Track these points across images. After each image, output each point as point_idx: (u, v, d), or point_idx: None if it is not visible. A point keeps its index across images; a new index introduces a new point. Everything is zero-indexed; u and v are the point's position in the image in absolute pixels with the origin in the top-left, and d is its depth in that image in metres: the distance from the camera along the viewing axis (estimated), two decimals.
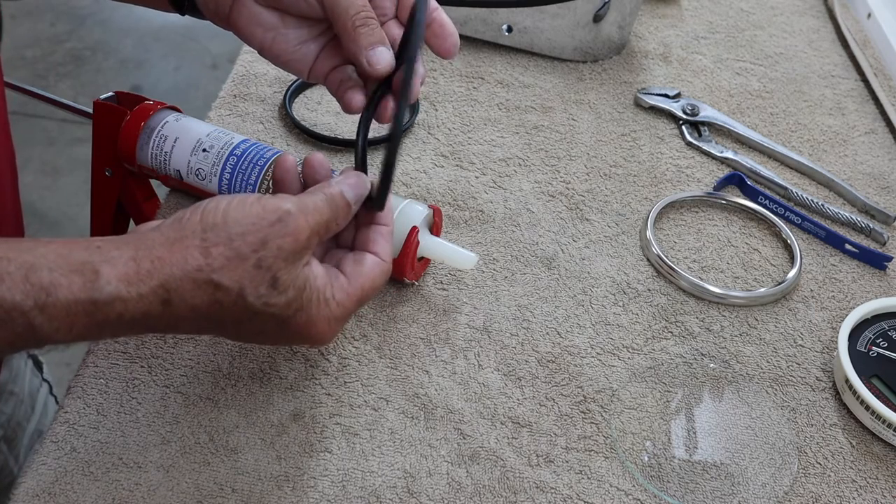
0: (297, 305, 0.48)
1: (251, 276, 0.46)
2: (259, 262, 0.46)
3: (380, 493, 0.56)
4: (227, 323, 0.48)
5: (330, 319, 0.50)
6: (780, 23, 0.99)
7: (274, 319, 0.48)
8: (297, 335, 0.50)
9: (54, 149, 2.32)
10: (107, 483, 0.55)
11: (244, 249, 0.46)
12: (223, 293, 0.46)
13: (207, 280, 0.46)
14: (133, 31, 2.75)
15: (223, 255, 0.46)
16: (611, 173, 0.79)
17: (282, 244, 0.47)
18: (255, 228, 0.47)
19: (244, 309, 0.47)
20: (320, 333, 0.50)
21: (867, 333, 0.65)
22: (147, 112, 0.68)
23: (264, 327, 0.49)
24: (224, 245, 0.46)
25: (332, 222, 0.50)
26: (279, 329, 0.49)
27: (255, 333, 0.50)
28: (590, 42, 0.88)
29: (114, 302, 0.44)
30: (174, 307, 0.46)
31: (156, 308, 0.45)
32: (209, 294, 0.46)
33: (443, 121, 0.81)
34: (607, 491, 0.57)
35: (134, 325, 0.46)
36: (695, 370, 0.64)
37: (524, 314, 0.66)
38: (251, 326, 0.49)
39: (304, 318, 0.49)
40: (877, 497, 0.58)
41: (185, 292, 0.46)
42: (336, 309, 0.51)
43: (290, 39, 0.59)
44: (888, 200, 0.79)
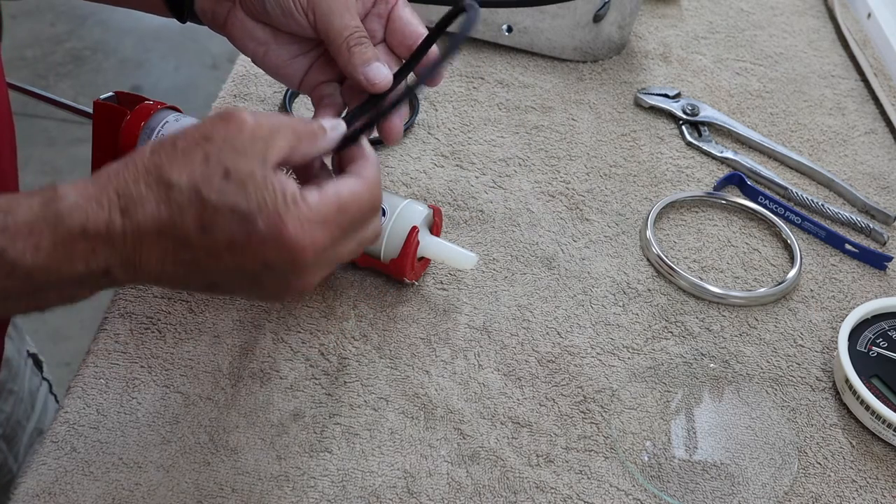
0: (259, 199, 0.45)
1: (202, 171, 0.45)
2: (206, 155, 0.45)
3: (380, 493, 0.56)
4: (191, 234, 0.45)
5: (303, 219, 0.45)
6: (780, 23, 0.99)
7: (236, 217, 0.45)
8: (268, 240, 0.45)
9: (54, 149, 2.32)
10: (107, 483, 0.55)
11: (188, 147, 0.45)
12: (177, 192, 0.44)
13: (158, 179, 0.45)
14: (133, 31, 2.75)
15: (169, 155, 0.45)
16: (611, 173, 0.79)
17: (226, 135, 0.45)
18: (197, 128, 0.46)
19: (202, 207, 0.44)
20: (296, 237, 0.45)
21: (867, 333, 0.65)
22: (147, 112, 0.68)
23: (230, 233, 0.45)
24: (169, 148, 0.45)
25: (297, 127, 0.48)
26: (246, 235, 0.45)
27: (224, 247, 0.45)
28: (590, 42, 0.88)
29: (74, 212, 0.44)
30: (132, 215, 0.44)
31: (116, 218, 0.44)
32: (163, 196, 0.44)
33: (443, 121, 0.81)
34: (607, 491, 0.57)
35: (101, 244, 0.44)
36: (695, 370, 0.64)
37: (524, 314, 0.66)
38: (217, 236, 0.45)
39: (271, 216, 0.45)
40: (877, 497, 0.58)
41: (140, 196, 0.45)
42: (307, 210, 0.46)
43: (281, 54, 0.60)
44: (888, 200, 0.79)
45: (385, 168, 0.76)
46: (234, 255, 0.46)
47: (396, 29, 0.59)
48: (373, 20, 0.59)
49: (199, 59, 2.66)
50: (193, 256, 0.46)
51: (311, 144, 0.49)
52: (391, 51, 0.59)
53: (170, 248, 0.45)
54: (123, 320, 0.63)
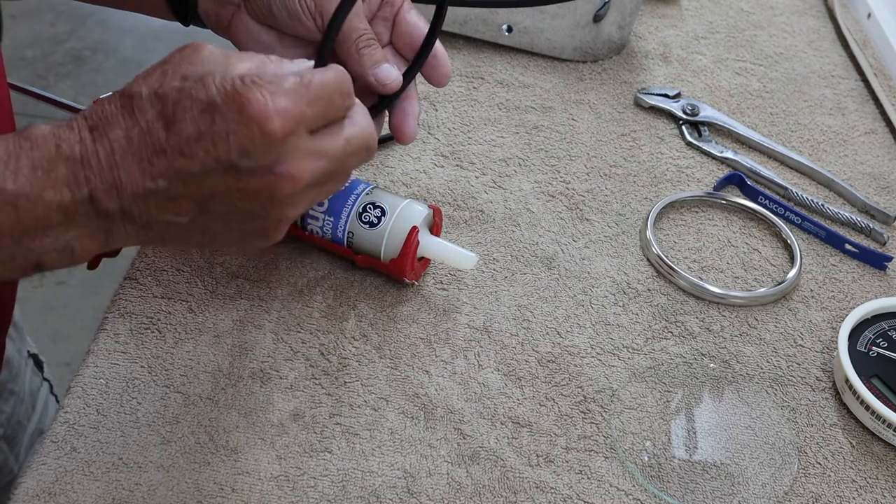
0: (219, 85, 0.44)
1: (159, 79, 0.45)
2: (164, 70, 0.46)
3: (380, 493, 0.56)
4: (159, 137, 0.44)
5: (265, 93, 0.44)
6: (780, 23, 0.99)
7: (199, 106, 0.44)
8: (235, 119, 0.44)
9: None
10: (107, 483, 0.55)
11: (149, 71, 0.46)
12: (138, 100, 0.45)
13: (119, 95, 0.46)
14: (133, 31, 2.75)
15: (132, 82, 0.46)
16: (611, 173, 0.79)
17: (183, 55, 0.46)
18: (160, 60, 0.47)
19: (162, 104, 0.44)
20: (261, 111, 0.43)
21: (867, 333, 0.65)
22: None
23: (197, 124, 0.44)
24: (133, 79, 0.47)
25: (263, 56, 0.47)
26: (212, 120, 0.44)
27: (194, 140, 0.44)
28: (590, 42, 0.88)
29: (48, 137, 0.45)
30: (102, 132, 0.45)
31: (86, 137, 0.45)
32: (126, 107, 0.45)
33: (443, 121, 0.82)
34: (607, 491, 0.57)
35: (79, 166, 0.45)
36: (695, 370, 0.64)
37: (524, 314, 0.66)
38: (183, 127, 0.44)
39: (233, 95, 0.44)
40: (877, 497, 0.58)
41: (105, 113, 0.46)
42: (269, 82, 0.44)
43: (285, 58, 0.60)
44: (888, 200, 0.79)
45: (385, 168, 0.76)
46: (206, 146, 0.44)
47: (402, 31, 0.59)
48: (379, 23, 0.59)
49: None
50: (168, 162, 0.45)
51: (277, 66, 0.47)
52: (398, 53, 0.60)
53: (144, 157, 0.45)
54: (123, 320, 0.63)
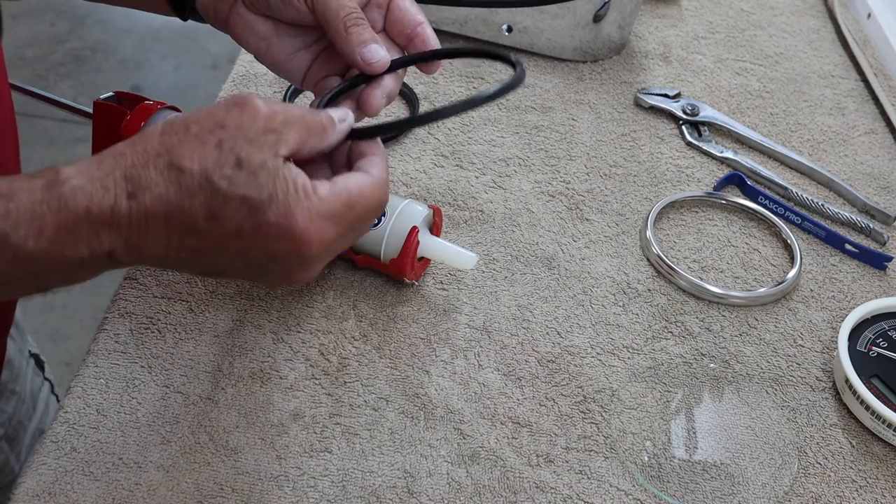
0: (270, 190, 0.45)
1: (214, 157, 0.44)
2: (220, 143, 0.45)
3: (380, 493, 0.56)
4: (199, 221, 0.45)
5: (312, 213, 0.46)
6: (780, 23, 0.99)
7: (246, 206, 0.44)
8: (277, 232, 0.45)
9: (54, 149, 2.32)
10: (107, 483, 0.55)
11: (202, 133, 0.45)
12: (187, 178, 0.44)
13: (168, 164, 0.44)
14: (133, 31, 2.75)
15: (181, 140, 0.45)
16: (611, 173, 0.79)
17: (240, 123, 0.45)
18: (211, 113, 0.46)
19: (212, 194, 0.44)
20: (304, 231, 0.45)
21: (867, 333, 0.65)
22: (147, 112, 0.68)
23: (238, 221, 0.45)
24: (182, 132, 0.45)
25: (309, 121, 0.48)
26: (255, 225, 0.45)
27: (232, 235, 0.45)
28: (590, 42, 0.88)
29: (77, 194, 0.43)
30: (140, 199, 0.44)
31: (122, 202, 0.44)
32: (173, 181, 0.44)
33: (443, 121, 0.81)
34: (607, 491, 0.57)
35: (105, 228, 0.44)
36: (695, 370, 0.64)
37: (524, 314, 0.66)
38: (225, 223, 0.45)
39: (281, 208, 0.45)
40: (877, 497, 0.58)
41: (149, 181, 0.44)
42: (318, 203, 0.46)
43: (284, 48, 0.60)
44: (888, 200, 0.79)
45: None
46: (241, 243, 0.46)
47: (396, 18, 0.59)
48: (372, 10, 0.59)
49: (199, 59, 2.66)
50: (199, 243, 0.46)
51: (321, 138, 0.49)
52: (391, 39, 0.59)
53: (176, 233, 0.45)
54: (123, 320, 0.63)
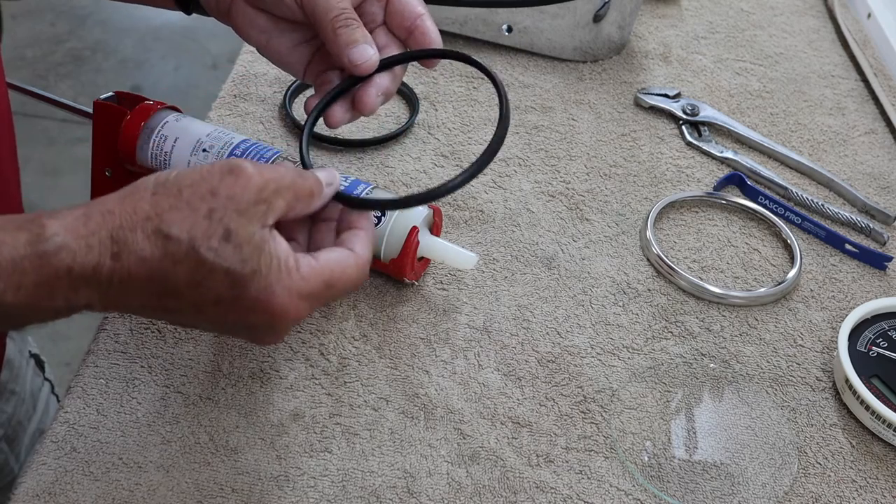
0: (255, 265, 0.45)
1: (203, 228, 0.45)
2: (210, 212, 0.45)
3: (380, 493, 0.56)
4: (180, 286, 0.45)
5: (292, 292, 0.46)
6: (780, 23, 0.99)
7: (229, 279, 0.45)
8: (256, 306, 0.46)
9: (54, 149, 2.32)
10: (107, 483, 0.55)
11: (193, 199, 0.45)
12: (174, 245, 0.44)
13: (156, 230, 0.44)
14: (133, 31, 2.75)
15: (173, 205, 0.45)
16: (611, 173, 0.79)
17: (232, 193, 0.45)
18: (204, 178, 0.46)
19: (197, 264, 0.45)
20: (282, 308, 0.46)
21: (867, 333, 0.65)
22: (147, 112, 0.68)
23: (220, 292, 0.45)
24: (174, 196, 0.45)
25: (298, 188, 0.48)
26: (235, 297, 0.46)
27: (211, 302, 0.46)
28: (590, 42, 0.88)
29: (60, 252, 0.43)
30: (124, 261, 0.44)
31: (106, 262, 0.44)
32: (160, 246, 0.44)
33: (443, 121, 0.81)
34: (607, 491, 0.57)
35: (85, 285, 0.44)
36: (695, 370, 0.64)
37: (524, 314, 0.66)
38: (206, 292, 0.45)
39: (263, 284, 0.45)
40: (877, 497, 0.58)
41: (135, 244, 0.44)
42: (299, 281, 0.47)
43: (283, 42, 0.60)
44: (888, 200, 0.79)
45: (385, 168, 0.76)
46: (219, 310, 0.46)
47: (395, 11, 0.58)
48: (372, 3, 0.58)
49: (199, 59, 2.66)
50: (178, 305, 0.46)
51: (307, 204, 0.49)
52: (391, 32, 0.59)
53: (155, 294, 0.46)
54: (123, 320, 0.63)
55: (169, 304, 0.46)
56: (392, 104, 0.83)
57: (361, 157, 0.77)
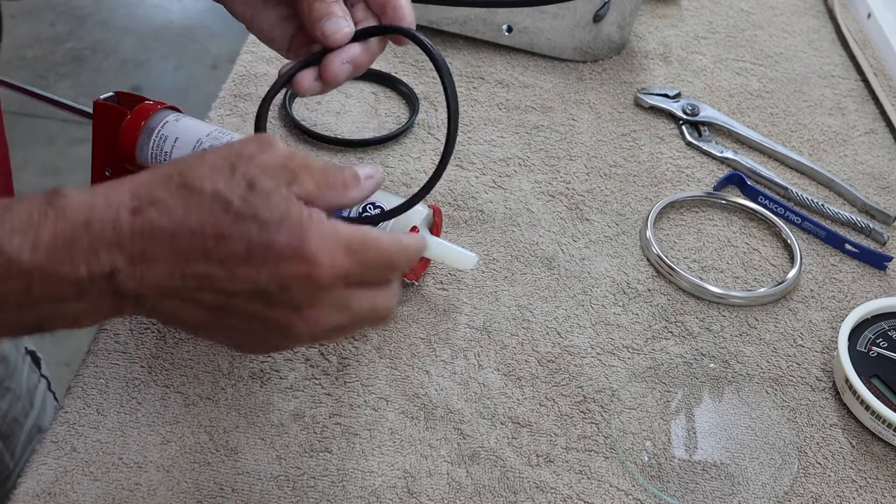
0: (283, 211, 0.43)
1: (227, 180, 0.43)
2: (233, 168, 0.44)
3: (380, 493, 0.56)
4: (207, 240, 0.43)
5: (326, 236, 0.44)
6: (780, 23, 0.99)
7: (257, 224, 0.43)
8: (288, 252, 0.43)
9: (54, 149, 2.32)
10: (107, 483, 0.55)
11: (217, 160, 0.44)
12: (198, 196, 0.43)
13: (180, 184, 0.43)
14: (133, 31, 2.75)
15: (196, 164, 0.44)
16: (611, 173, 0.79)
17: (258, 154, 0.44)
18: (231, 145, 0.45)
19: (223, 212, 0.43)
20: (317, 254, 0.43)
21: (867, 333, 0.65)
22: (147, 112, 0.68)
23: (249, 239, 0.43)
24: (198, 157, 0.45)
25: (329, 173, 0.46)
26: (266, 243, 0.43)
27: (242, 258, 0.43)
28: (590, 42, 0.88)
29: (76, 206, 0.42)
30: (146, 215, 0.42)
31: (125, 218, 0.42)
32: (183, 197, 0.43)
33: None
34: (607, 491, 0.57)
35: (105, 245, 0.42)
36: (695, 370, 0.64)
37: (524, 314, 0.66)
38: (234, 245, 0.43)
39: (294, 229, 0.43)
40: (877, 497, 0.58)
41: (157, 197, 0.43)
42: (332, 228, 0.44)
43: (268, 17, 0.60)
44: (888, 200, 0.79)
45: (385, 168, 0.76)
46: (251, 267, 0.43)
47: None
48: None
49: (199, 59, 2.66)
50: (206, 270, 0.43)
51: (339, 194, 0.47)
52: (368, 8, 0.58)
53: (181, 255, 0.43)
54: (123, 320, 0.63)
55: (197, 269, 0.43)
56: (392, 104, 0.83)
57: (361, 157, 0.77)
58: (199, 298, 0.44)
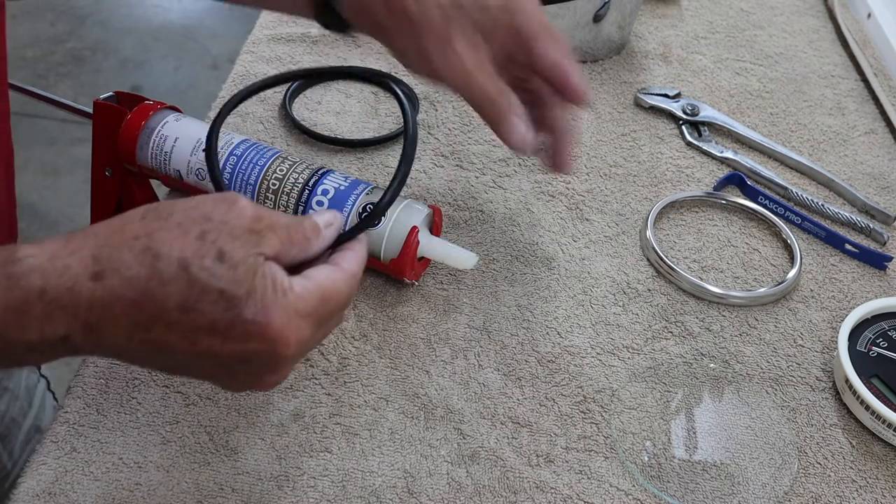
0: (249, 286, 0.43)
1: (194, 247, 0.42)
2: (203, 234, 0.43)
3: (380, 493, 0.56)
4: (171, 311, 0.42)
5: (289, 311, 0.44)
6: (780, 23, 0.99)
7: (223, 300, 0.42)
8: (253, 331, 0.43)
9: (54, 149, 2.32)
10: (107, 483, 0.55)
11: (185, 222, 0.43)
12: (164, 264, 0.42)
13: (145, 248, 0.42)
14: (133, 31, 2.75)
15: (163, 227, 0.43)
16: (611, 173, 0.79)
17: (226, 219, 0.44)
18: (197, 205, 0.44)
19: (189, 284, 0.42)
20: (281, 329, 0.44)
21: (867, 333, 0.65)
22: (147, 112, 0.68)
23: (214, 316, 0.42)
24: (164, 220, 0.43)
25: (293, 230, 0.47)
26: (231, 321, 0.43)
27: (205, 330, 0.43)
28: (590, 42, 0.88)
29: (31, 274, 0.40)
30: (107, 281, 0.41)
31: (85, 283, 0.41)
32: (148, 265, 0.42)
33: (443, 121, 0.81)
34: (607, 491, 0.57)
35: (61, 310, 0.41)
36: (695, 370, 0.64)
37: (524, 314, 0.66)
38: (198, 318, 0.42)
39: (259, 305, 0.43)
40: (877, 497, 0.58)
41: (120, 262, 0.41)
42: (295, 300, 0.45)
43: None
44: (888, 200, 0.79)
45: (385, 168, 0.76)
46: (213, 340, 0.43)
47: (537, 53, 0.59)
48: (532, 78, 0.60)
49: (199, 59, 2.66)
50: (166, 337, 0.43)
51: (302, 250, 0.48)
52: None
53: (142, 322, 0.42)
54: None
55: (158, 336, 0.43)
56: (392, 104, 0.83)
57: (362, 157, 0.77)
58: (157, 359, 0.45)
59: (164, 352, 0.44)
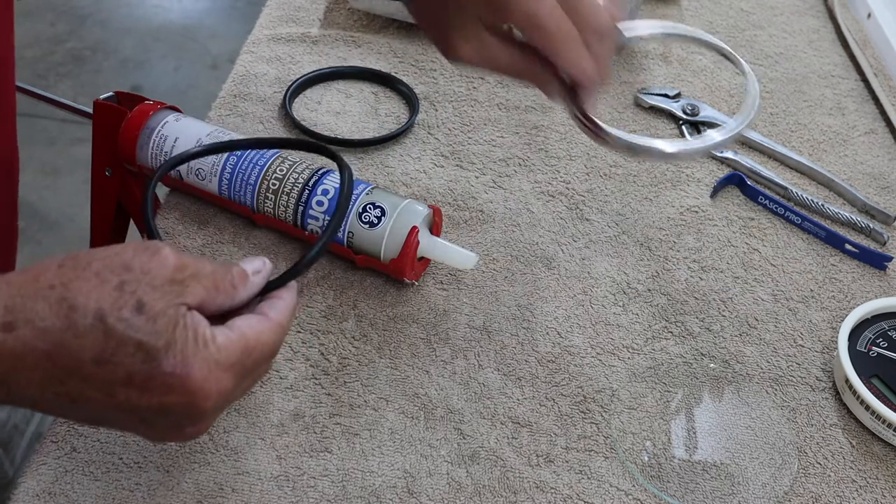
0: (169, 338, 0.42)
1: (112, 298, 0.41)
2: (121, 284, 0.41)
3: (380, 493, 0.56)
4: (86, 364, 0.41)
5: (210, 363, 0.43)
6: (780, 23, 0.99)
7: (141, 353, 0.41)
8: (172, 383, 0.42)
9: (54, 149, 2.32)
10: (107, 483, 0.55)
11: (104, 271, 0.42)
12: (80, 315, 0.40)
13: (60, 298, 0.40)
14: (133, 31, 2.75)
15: (80, 276, 0.41)
16: (611, 173, 0.79)
17: (147, 269, 0.42)
18: (117, 254, 0.43)
19: (105, 336, 0.41)
20: (201, 382, 0.42)
21: (867, 333, 0.65)
22: (147, 112, 0.68)
23: (131, 368, 0.41)
24: (82, 269, 0.42)
25: (218, 278, 0.46)
26: (148, 373, 0.41)
27: (121, 382, 0.41)
28: None
29: None
30: (20, 332, 0.40)
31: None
32: (62, 316, 0.40)
33: (443, 121, 0.81)
34: (607, 491, 0.57)
35: None
36: (695, 370, 0.64)
37: (524, 314, 0.66)
38: (115, 370, 0.41)
39: (179, 357, 0.42)
40: (877, 497, 0.58)
41: (33, 312, 0.40)
42: (216, 352, 0.43)
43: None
44: (888, 200, 0.79)
45: (385, 168, 0.76)
46: (130, 392, 0.42)
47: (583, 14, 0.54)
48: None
49: (199, 59, 2.66)
50: (82, 390, 0.42)
51: (229, 296, 0.46)
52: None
53: (56, 375, 0.41)
54: None
55: (74, 388, 0.41)
56: (392, 104, 0.83)
57: (362, 157, 0.77)
58: (73, 412, 0.44)
59: (80, 404, 0.42)
